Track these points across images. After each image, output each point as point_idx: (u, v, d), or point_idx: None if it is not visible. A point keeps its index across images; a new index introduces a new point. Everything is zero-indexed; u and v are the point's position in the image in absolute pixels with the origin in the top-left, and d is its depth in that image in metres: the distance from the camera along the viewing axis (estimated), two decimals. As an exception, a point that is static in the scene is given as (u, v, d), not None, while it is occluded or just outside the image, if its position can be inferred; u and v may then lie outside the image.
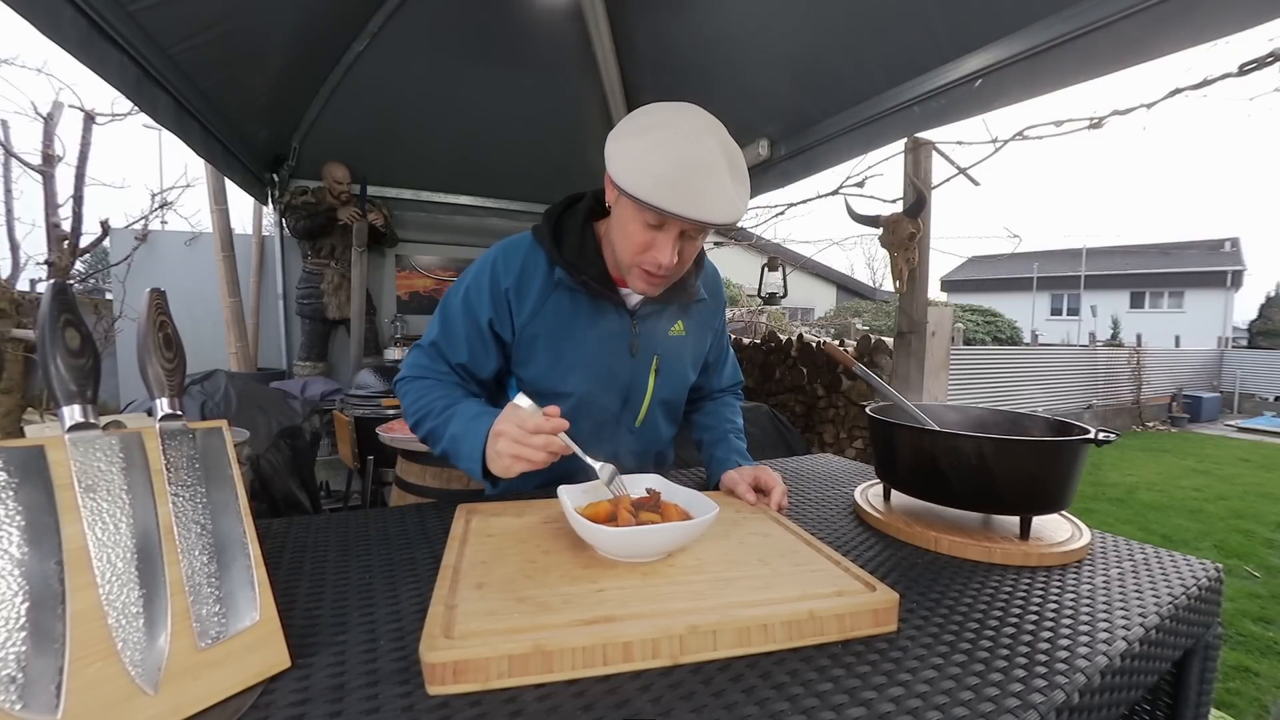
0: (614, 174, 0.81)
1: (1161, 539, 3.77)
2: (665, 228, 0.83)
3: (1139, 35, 1.34)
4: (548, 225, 0.98)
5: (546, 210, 1.00)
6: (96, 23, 1.51)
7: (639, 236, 0.85)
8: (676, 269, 0.88)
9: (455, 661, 0.47)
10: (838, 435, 3.55)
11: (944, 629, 0.60)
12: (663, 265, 0.84)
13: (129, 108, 4.14)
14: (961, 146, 2.69)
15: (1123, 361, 8.93)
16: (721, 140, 0.81)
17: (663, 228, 0.83)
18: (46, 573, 0.41)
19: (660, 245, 0.84)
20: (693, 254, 0.89)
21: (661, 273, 0.87)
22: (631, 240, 0.86)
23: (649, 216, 0.82)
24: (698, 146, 0.78)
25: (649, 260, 0.86)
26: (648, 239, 0.84)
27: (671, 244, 0.84)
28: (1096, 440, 0.79)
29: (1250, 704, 2.04)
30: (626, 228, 0.86)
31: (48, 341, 0.45)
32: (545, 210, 1.00)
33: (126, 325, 4.07)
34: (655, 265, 0.85)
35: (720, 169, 0.79)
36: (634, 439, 1.05)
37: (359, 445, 2.59)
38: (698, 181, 0.78)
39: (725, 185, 0.79)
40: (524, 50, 2.98)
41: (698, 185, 0.78)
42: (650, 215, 0.82)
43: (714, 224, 0.80)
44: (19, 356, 1.46)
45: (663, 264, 0.84)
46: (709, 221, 0.79)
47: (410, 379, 0.99)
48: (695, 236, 0.86)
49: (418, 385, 0.97)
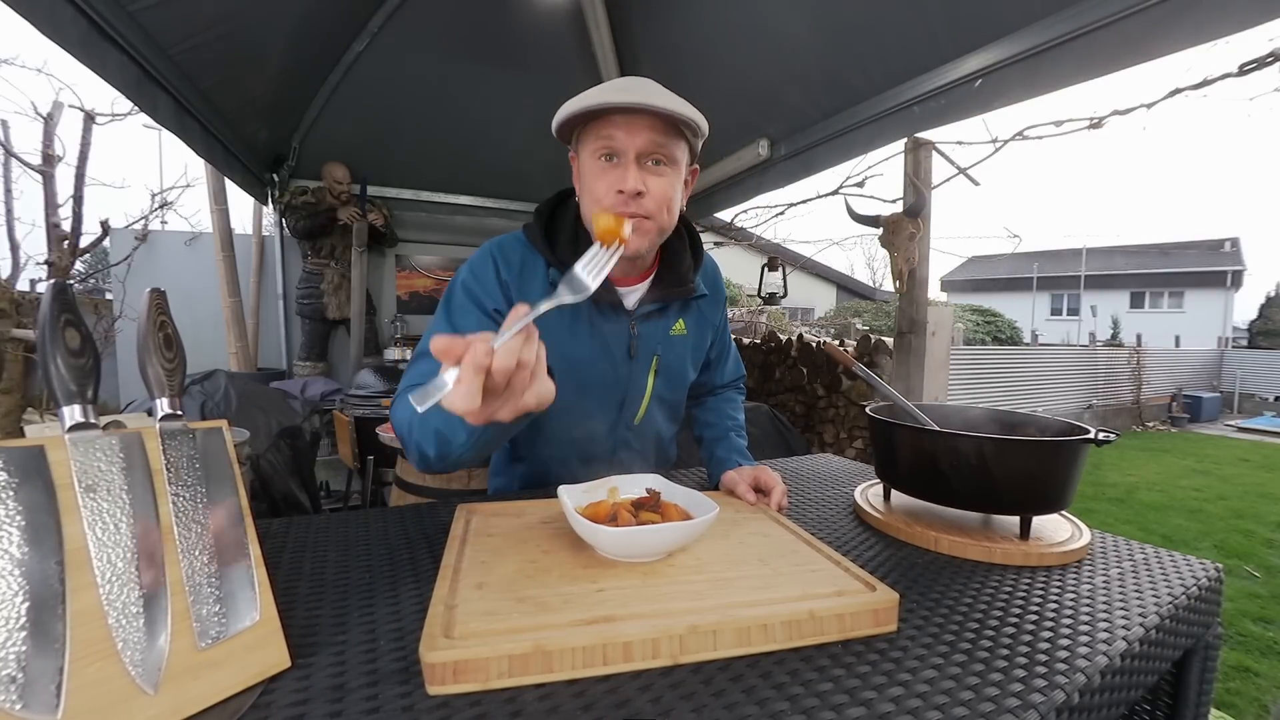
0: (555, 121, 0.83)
1: (1161, 539, 3.77)
2: (619, 158, 0.81)
3: (1139, 35, 1.34)
4: (539, 224, 0.94)
5: (536, 208, 0.96)
6: (96, 23, 1.51)
7: (599, 181, 0.82)
8: (655, 208, 0.83)
9: (455, 661, 0.47)
10: (838, 435, 3.55)
11: (944, 629, 0.60)
12: (627, 189, 0.80)
13: (129, 108, 4.15)
14: (961, 146, 2.70)
15: (1123, 361, 8.93)
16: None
17: (617, 160, 0.81)
18: (47, 573, 0.41)
19: (620, 175, 0.80)
20: (664, 190, 0.83)
21: (632, 207, 0.81)
22: (594, 190, 0.83)
23: (599, 147, 0.81)
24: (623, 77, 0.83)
25: (616, 200, 0.81)
26: (609, 179, 0.81)
27: (631, 169, 0.80)
28: (1096, 440, 0.79)
29: (1250, 704, 2.04)
30: (587, 182, 0.84)
31: (48, 341, 0.45)
32: (535, 208, 0.96)
33: (126, 325, 4.07)
34: (622, 200, 0.81)
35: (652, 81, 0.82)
36: (633, 436, 1.04)
37: (359, 445, 2.59)
38: (626, 81, 0.81)
39: (659, 88, 0.81)
40: (524, 50, 2.99)
41: (626, 82, 0.81)
42: (600, 145, 0.81)
43: (655, 109, 0.77)
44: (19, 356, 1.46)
45: (626, 188, 0.80)
46: (648, 105, 0.76)
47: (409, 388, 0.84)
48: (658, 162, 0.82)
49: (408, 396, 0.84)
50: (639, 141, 0.80)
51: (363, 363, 3.80)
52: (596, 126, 0.82)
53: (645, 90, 0.79)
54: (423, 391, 0.49)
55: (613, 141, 0.81)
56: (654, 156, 0.82)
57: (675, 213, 0.88)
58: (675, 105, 0.79)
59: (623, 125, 0.80)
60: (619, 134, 0.80)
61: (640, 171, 0.81)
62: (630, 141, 0.80)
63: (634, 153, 0.80)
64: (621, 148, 0.81)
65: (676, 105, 0.79)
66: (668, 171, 0.84)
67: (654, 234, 0.86)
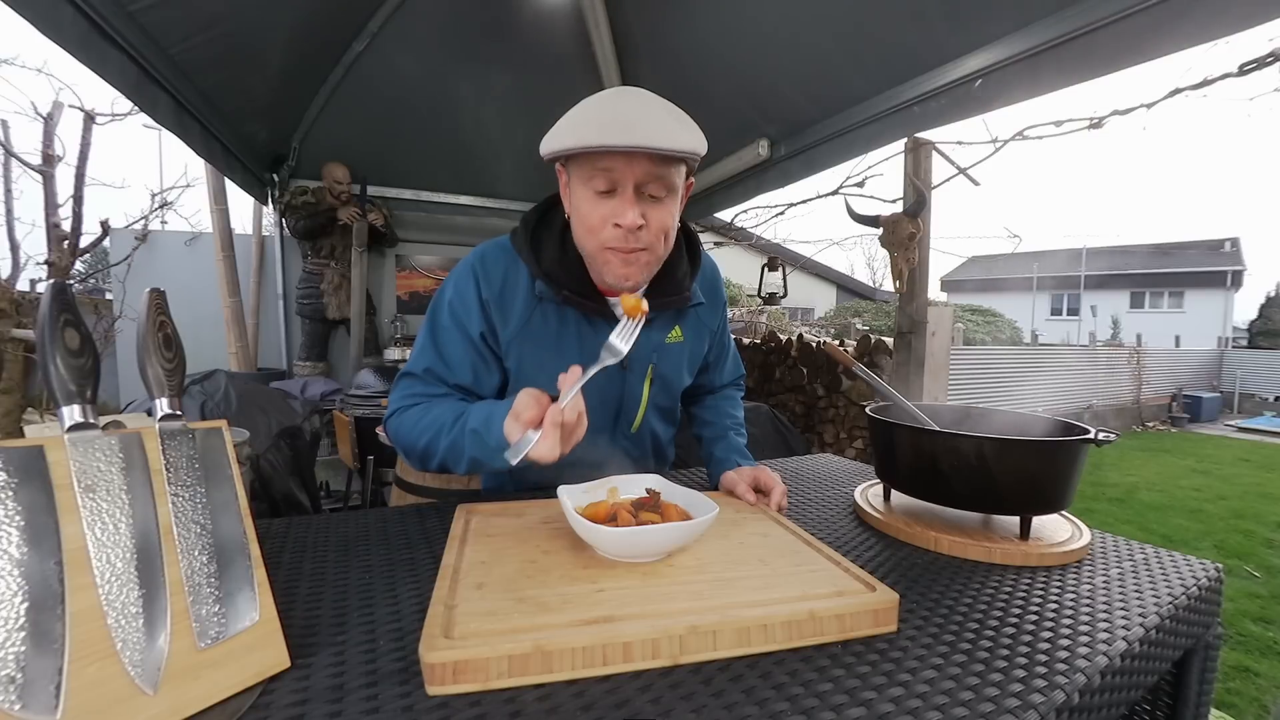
0: (545, 148, 0.79)
1: (1161, 539, 3.77)
2: (617, 189, 0.77)
3: (1139, 35, 1.34)
4: (525, 234, 0.90)
5: (523, 217, 0.92)
6: (96, 23, 1.50)
7: (595, 211, 0.79)
8: (653, 240, 0.81)
9: (455, 662, 0.47)
10: (838, 435, 3.55)
11: (944, 629, 0.59)
12: (625, 224, 0.77)
13: (129, 108, 4.15)
14: (961, 146, 2.70)
15: (1123, 361, 8.93)
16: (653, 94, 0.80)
17: (614, 191, 0.78)
18: (46, 573, 0.40)
19: (617, 208, 0.77)
20: (662, 221, 0.80)
21: (630, 242, 0.79)
22: (589, 220, 0.80)
23: (596, 181, 0.77)
24: (619, 90, 0.80)
25: (614, 234, 0.79)
26: (605, 211, 0.78)
27: (629, 203, 0.77)
28: (1096, 440, 0.79)
29: (1250, 704, 2.04)
30: (581, 211, 0.81)
31: (48, 341, 0.45)
32: (522, 217, 0.92)
33: (126, 325, 4.07)
34: (620, 234, 0.78)
35: (651, 101, 0.78)
36: (630, 444, 1.03)
37: (359, 445, 2.59)
38: (625, 109, 0.75)
39: (659, 113, 0.76)
40: (524, 50, 2.98)
41: (625, 112, 0.75)
42: (598, 179, 0.77)
43: (655, 149, 0.73)
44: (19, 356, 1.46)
45: (625, 223, 0.77)
46: (648, 146, 0.72)
47: (404, 409, 0.88)
48: (655, 195, 0.79)
49: (414, 412, 0.86)
50: (637, 174, 0.77)
51: (363, 363, 3.79)
52: (593, 159, 0.77)
53: (646, 123, 0.74)
54: (515, 449, 0.66)
55: (611, 174, 0.77)
56: (652, 188, 0.79)
57: (673, 237, 0.86)
58: (676, 141, 0.75)
59: (621, 159, 0.76)
60: (617, 166, 0.76)
61: (639, 204, 0.78)
62: (629, 173, 0.76)
63: (632, 184, 0.77)
64: (620, 180, 0.77)
65: (678, 141, 0.75)
66: (665, 199, 0.81)
67: (653, 265, 0.86)
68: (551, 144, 0.78)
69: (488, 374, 0.91)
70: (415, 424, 0.85)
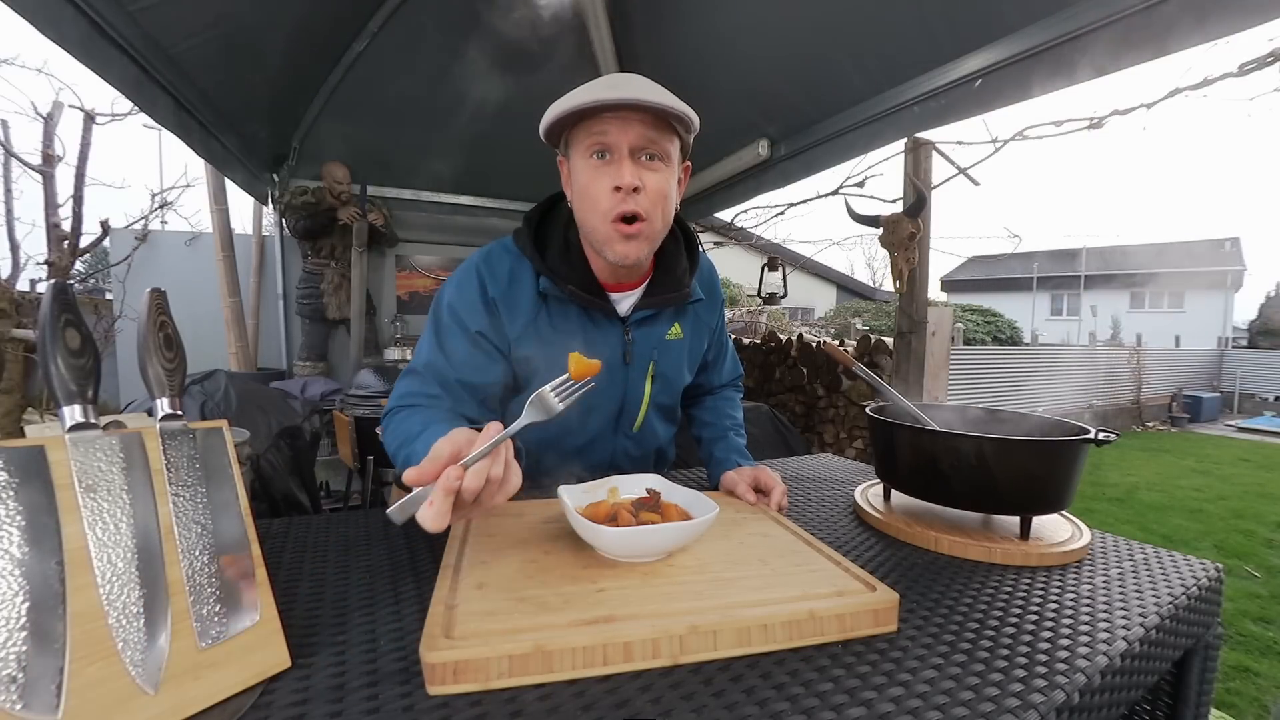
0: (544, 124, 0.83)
1: (1161, 539, 3.77)
2: (613, 153, 0.81)
3: (1139, 35, 1.34)
4: (528, 231, 0.91)
5: (526, 215, 0.94)
6: (96, 23, 1.50)
7: (594, 182, 0.81)
8: (650, 206, 0.82)
9: (455, 661, 0.47)
10: (838, 435, 3.56)
11: (944, 629, 0.60)
12: (623, 184, 0.79)
13: (129, 108, 4.15)
14: (961, 146, 2.70)
15: (1123, 361, 8.93)
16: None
17: (608, 153, 0.81)
18: (47, 573, 0.41)
19: (615, 172, 0.80)
20: (659, 187, 0.83)
21: (630, 204, 0.80)
22: (590, 191, 0.82)
23: (592, 145, 0.81)
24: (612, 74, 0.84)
25: (613, 201, 0.80)
26: (604, 179, 0.81)
27: (625, 164, 0.80)
28: (1096, 440, 0.79)
29: (1250, 704, 2.04)
30: (580, 184, 0.83)
31: (48, 341, 0.45)
32: (525, 215, 0.94)
33: (126, 325, 4.07)
34: (619, 199, 0.80)
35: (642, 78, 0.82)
36: (632, 443, 1.03)
37: (359, 445, 2.59)
38: (616, 78, 0.81)
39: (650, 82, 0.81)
40: (524, 50, 2.98)
41: (616, 79, 0.81)
42: (593, 143, 0.80)
43: (645, 102, 0.77)
44: (19, 356, 1.46)
45: (623, 183, 0.79)
46: (639, 99, 0.76)
47: (395, 410, 0.87)
48: (651, 160, 0.82)
49: (400, 415, 0.85)
50: (631, 136, 0.80)
51: (363, 363, 3.79)
52: (588, 125, 0.81)
53: (635, 86, 0.79)
54: (401, 507, 0.55)
55: (605, 138, 0.80)
56: (647, 151, 0.82)
57: (671, 212, 0.88)
58: (666, 100, 0.79)
59: (615, 121, 0.79)
60: (611, 129, 0.79)
61: (635, 166, 0.81)
62: (623, 137, 0.80)
63: (627, 147, 0.80)
64: (614, 143, 0.80)
65: (668, 100, 0.79)
66: (661, 168, 0.83)
67: (651, 237, 0.85)
68: (548, 117, 0.82)
69: (490, 367, 0.90)
70: (397, 428, 0.83)
